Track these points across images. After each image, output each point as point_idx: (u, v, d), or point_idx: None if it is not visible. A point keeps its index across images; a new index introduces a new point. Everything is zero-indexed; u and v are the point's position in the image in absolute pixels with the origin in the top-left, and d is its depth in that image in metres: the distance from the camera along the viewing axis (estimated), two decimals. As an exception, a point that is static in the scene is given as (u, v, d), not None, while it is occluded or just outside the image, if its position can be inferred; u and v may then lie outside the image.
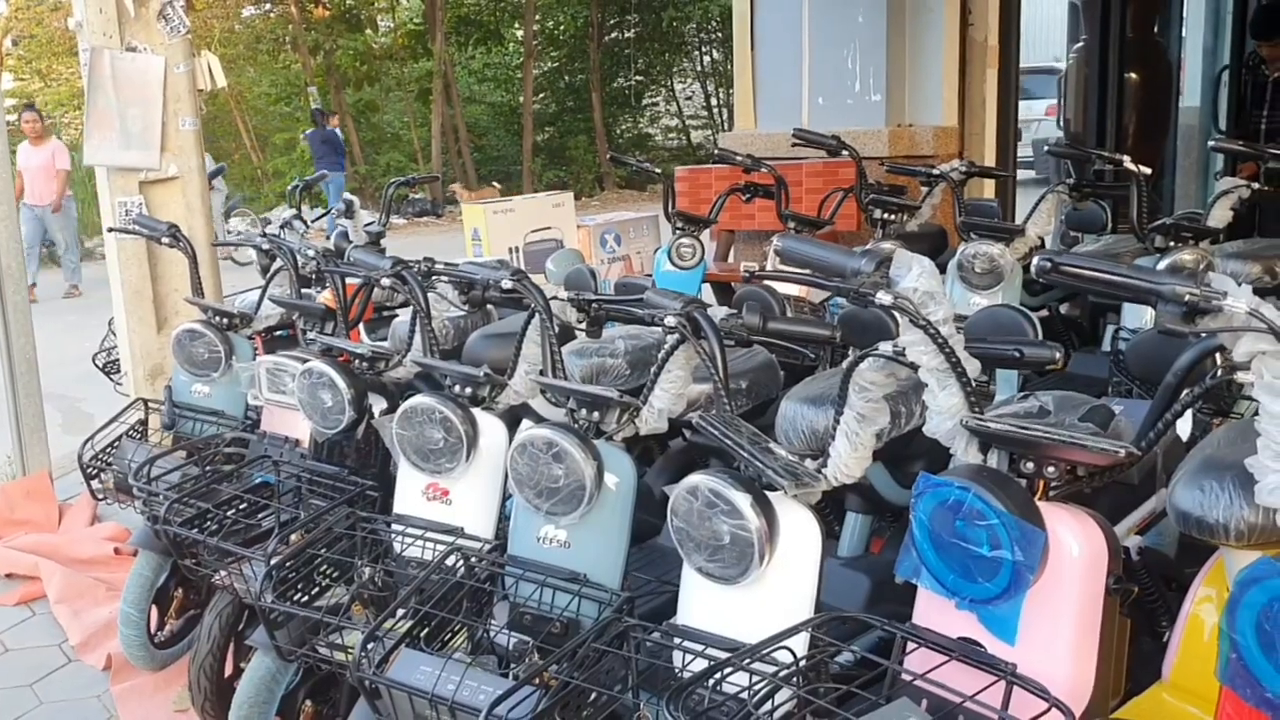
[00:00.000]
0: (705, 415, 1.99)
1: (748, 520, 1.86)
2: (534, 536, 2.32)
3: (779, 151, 6.33)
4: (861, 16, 7.03)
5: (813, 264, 1.77)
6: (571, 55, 25.11)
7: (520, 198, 7.45)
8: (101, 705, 3.53)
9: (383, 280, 2.74)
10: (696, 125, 26.84)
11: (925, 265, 1.65)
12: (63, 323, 7.76)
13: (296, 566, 2.55)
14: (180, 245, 3.93)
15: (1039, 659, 1.63)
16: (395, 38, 22.50)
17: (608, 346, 3.15)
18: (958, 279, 3.83)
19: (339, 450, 3.03)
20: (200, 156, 4.77)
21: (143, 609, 3.49)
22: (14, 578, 4.45)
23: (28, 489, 5.04)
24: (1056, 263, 1.46)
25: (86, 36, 4.42)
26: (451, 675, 2.04)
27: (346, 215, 5.01)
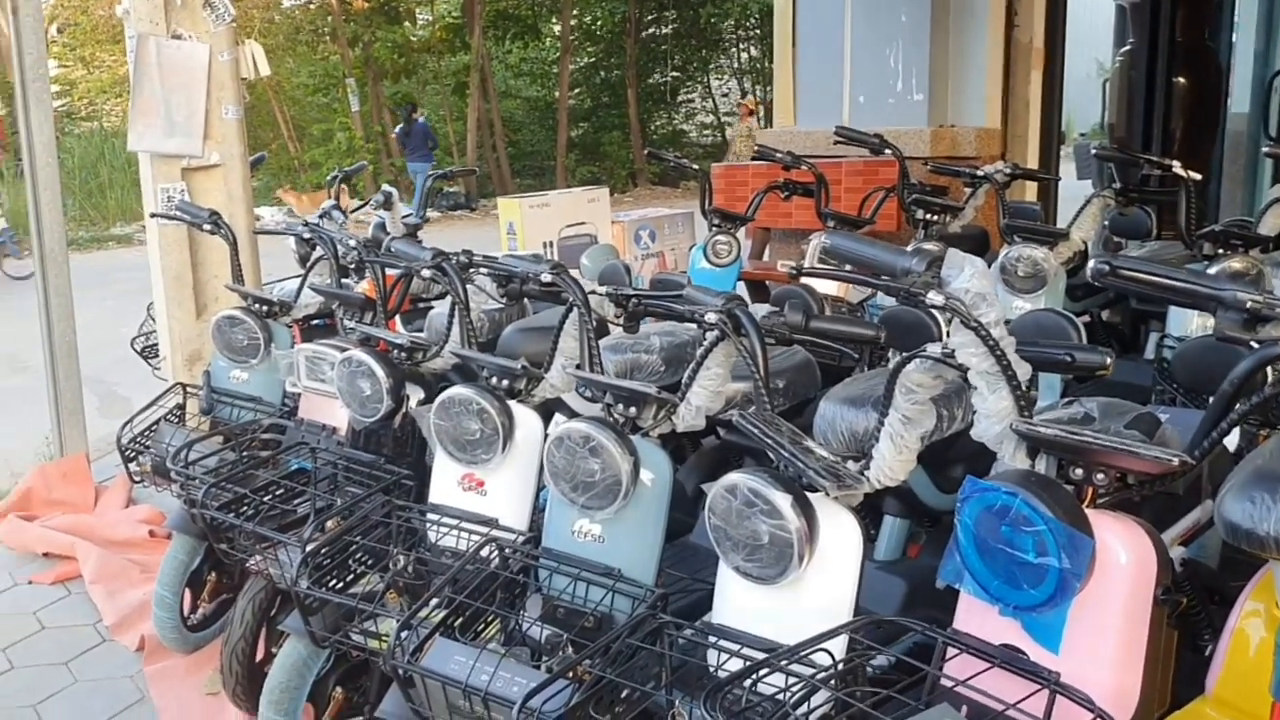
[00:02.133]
0: (745, 414, 1.97)
1: (788, 521, 1.85)
2: (568, 530, 2.31)
3: (818, 150, 6.30)
4: (905, 15, 6.98)
5: (861, 262, 1.75)
6: (608, 51, 25.11)
7: (555, 192, 7.43)
8: (134, 685, 3.56)
9: (422, 271, 2.74)
10: (732, 122, 26.80)
11: (978, 266, 1.63)
12: (101, 308, 7.83)
13: (332, 553, 2.55)
14: (221, 232, 3.95)
15: (1084, 668, 1.60)
16: (433, 31, 22.57)
17: (643, 342, 3.14)
18: (1000, 282, 3.79)
19: (376, 439, 3.03)
20: (243, 144, 4.79)
21: (176, 591, 3.52)
22: (51, 557, 4.50)
23: (65, 470, 5.09)
24: (1115, 266, 1.43)
25: (133, 23, 4.45)
26: (485, 666, 2.04)
27: (385, 207, 5.02)
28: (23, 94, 4.87)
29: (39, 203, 4.99)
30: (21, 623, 4.00)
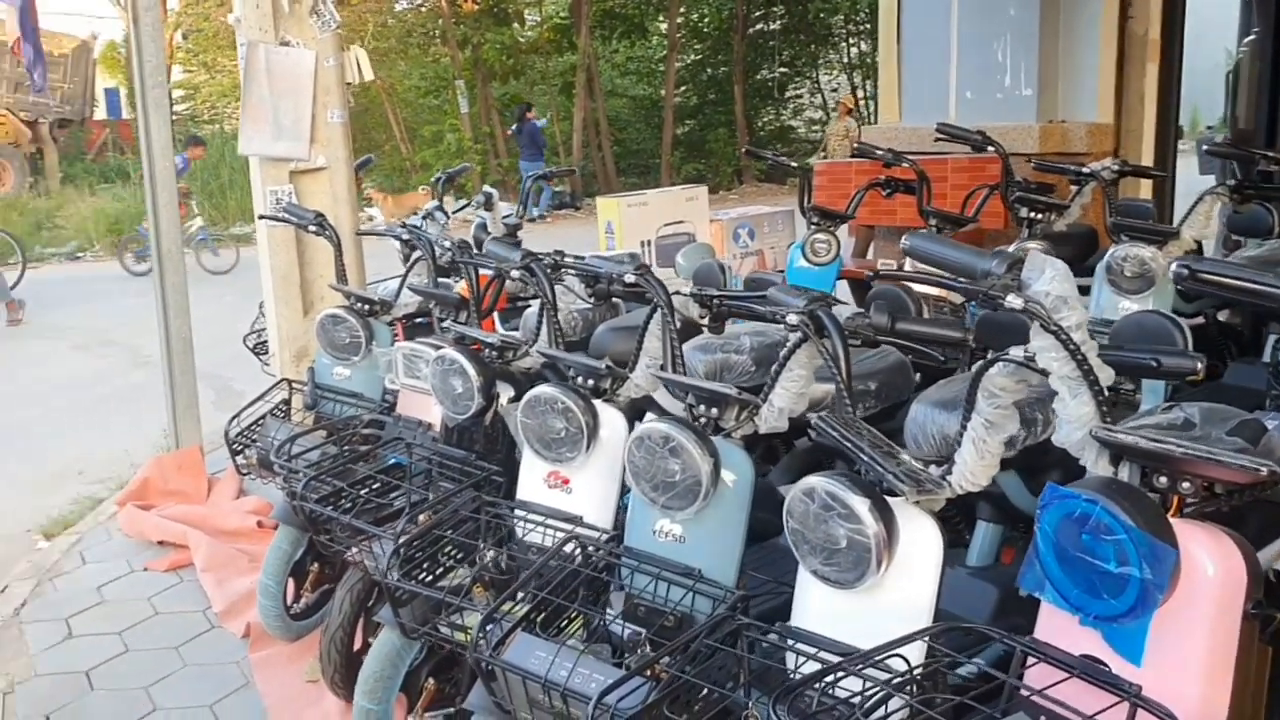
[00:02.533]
0: (824, 416, 1.96)
1: (865, 525, 1.83)
2: (650, 529, 2.32)
3: (923, 146, 6.19)
4: (1014, 9, 6.83)
5: (941, 264, 1.73)
6: (715, 47, 25.05)
7: (654, 191, 7.46)
8: (239, 671, 3.69)
9: (512, 272, 2.78)
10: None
11: (1059, 268, 1.59)
12: (220, 304, 8.13)
13: (422, 546, 2.61)
14: (326, 233, 4.07)
15: (1167, 682, 1.55)
16: (541, 32, 22.82)
17: (733, 343, 3.13)
18: (1106, 282, 3.69)
19: (468, 435, 3.09)
20: (348, 148, 4.92)
21: (280, 581, 3.63)
22: (165, 545, 4.69)
23: (180, 462, 5.30)
24: (1194, 269, 1.38)
25: (244, 31, 4.62)
26: (565, 662, 2.06)
27: (485, 208, 5.11)
28: (142, 100, 5.08)
29: (156, 204, 5.21)
30: (137, 608, 4.18)
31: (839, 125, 17.22)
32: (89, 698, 3.58)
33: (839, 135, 16.98)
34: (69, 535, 4.96)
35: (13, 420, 7.24)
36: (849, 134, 16.76)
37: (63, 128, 21.30)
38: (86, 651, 3.87)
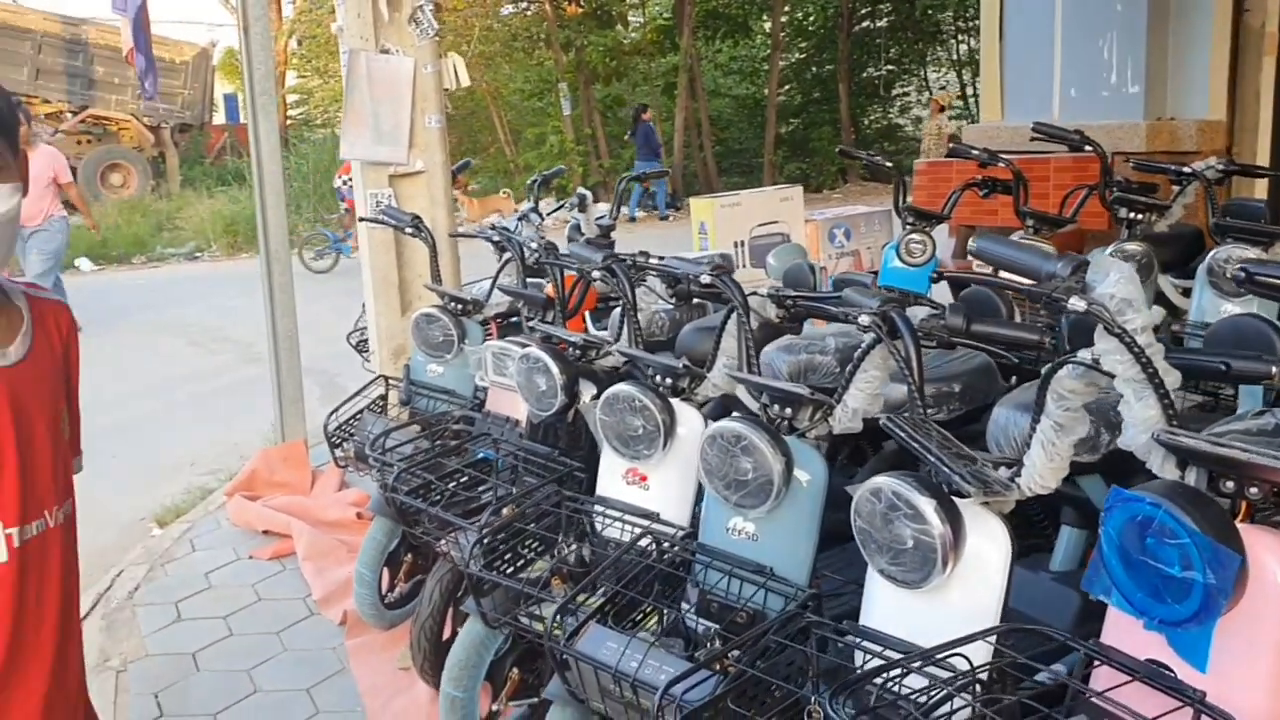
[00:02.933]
0: (893, 416, 1.97)
1: (931, 525, 1.84)
2: (723, 527, 2.36)
3: (1026, 146, 6.08)
4: (1120, 3, 6.66)
5: (1007, 265, 1.73)
6: (820, 46, 24.88)
7: (748, 191, 7.45)
8: (336, 657, 3.82)
9: (594, 273, 2.84)
10: (950, 116, 26.06)
11: (1124, 271, 1.58)
12: (329, 303, 8.39)
13: (504, 539, 2.69)
14: (422, 235, 4.19)
15: (1232, 689, 1.53)
16: (644, 33, 22.93)
17: (818, 343, 3.15)
18: (1207, 284, 3.60)
19: (552, 432, 3.16)
20: (445, 152, 5.05)
21: (375, 571, 3.75)
22: (270, 534, 4.87)
23: (285, 454, 5.50)
24: (1251, 273, 1.37)
25: (346, 40, 4.78)
26: (635, 653, 2.11)
27: (579, 209, 5.19)
28: (252, 106, 5.29)
29: (265, 206, 5.41)
30: (241, 594, 4.36)
31: (931, 124, 16.93)
32: (195, 678, 3.75)
33: (932, 134, 16.69)
34: (180, 523, 5.19)
35: (132, 413, 7.58)
36: (941, 132, 16.48)
37: (183, 132, 22.15)
38: (194, 634, 4.05)
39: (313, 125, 25.88)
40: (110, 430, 7.12)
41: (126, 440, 6.89)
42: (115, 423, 7.29)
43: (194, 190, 19.83)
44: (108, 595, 4.48)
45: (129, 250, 15.86)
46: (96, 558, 5.01)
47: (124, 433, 7.07)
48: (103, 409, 7.57)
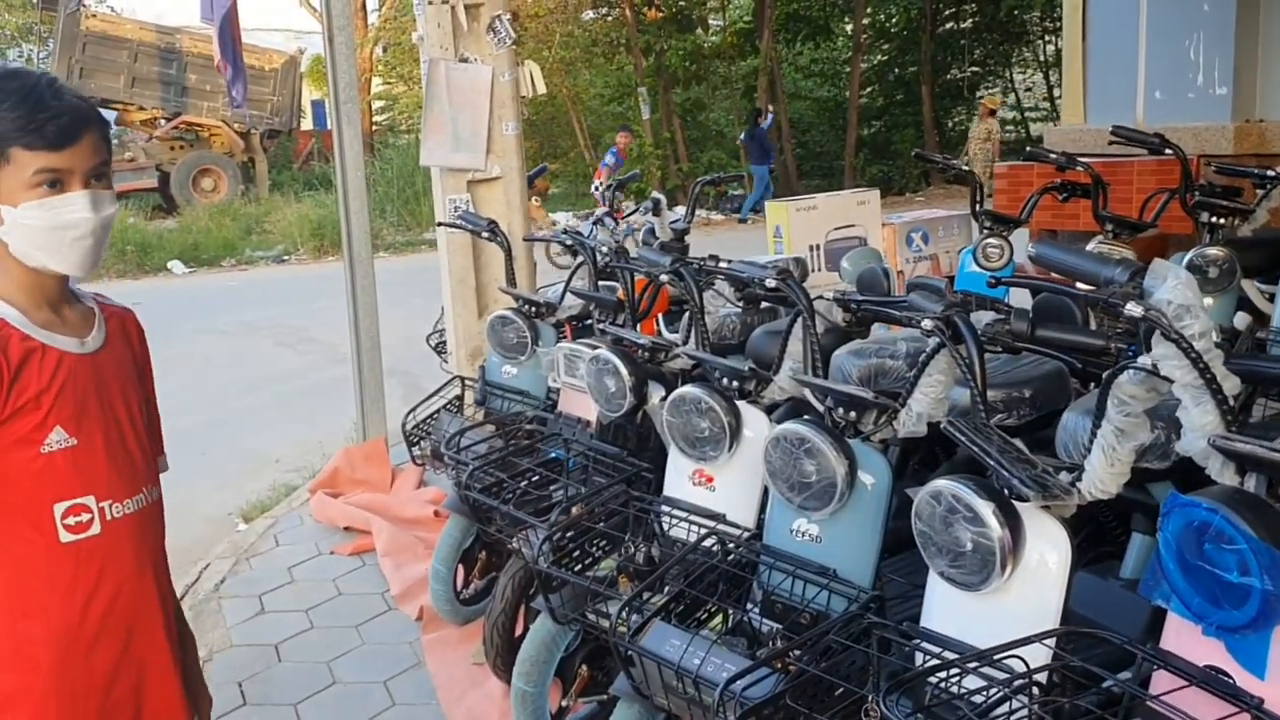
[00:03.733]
0: (954, 420, 1.99)
1: (990, 529, 1.86)
2: (788, 528, 2.39)
3: (1110, 148, 6.00)
4: (1207, 4, 6.53)
5: (1066, 271, 1.74)
6: (902, 48, 24.64)
7: (823, 195, 7.44)
8: (412, 651, 3.92)
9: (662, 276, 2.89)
10: (1037, 117, 25.65)
11: (1182, 277, 1.58)
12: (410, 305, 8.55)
13: (573, 537, 2.75)
14: (497, 239, 4.28)
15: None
16: (725, 36, 22.93)
17: (889, 347, 3.15)
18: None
19: (622, 433, 3.22)
20: (521, 158, 5.14)
21: (450, 567, 3.84)
22: (351, 531, 5.00)
23: (367, 453, 5.64)
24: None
25: (426, 49, 4.89)
26: (698, 650, 2.16)
27: (654, 213, 5.24)
28: (336, 113, 5.44)
29: (348, 211, 5.56)
30: (322, 588, 4.49)
31: (980, 127, 16.45)
32: (277, 669, 3.88)
33: (980, 138, 16.28)
34: (265, 519, 5.35)
35: (221, 412, 7.82)
36: (990, 136, 16.14)
37: (272, 138, 22.70)
38: (276, 627, 4.18)
39: (397, 131, 26.35)
40: (199, 428, 7.36)
41: (215, 438, 7.12)
42: (204, 421, 7.53)
43: (282, 195, 20.32)
44: (195, 588, 4.64)
45: (219, 253, 16.31)
46: (184, 552, 5.19)
47: (212, 430, 7.30)
48: (192, 408, 7.83)
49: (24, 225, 1.74)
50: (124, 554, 1.85)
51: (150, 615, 1.90)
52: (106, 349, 1.88)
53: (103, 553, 1.82)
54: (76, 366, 1.80)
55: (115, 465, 1.85)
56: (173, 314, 12.27)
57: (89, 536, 1.80)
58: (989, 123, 16.42)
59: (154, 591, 1.91)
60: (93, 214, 1.76)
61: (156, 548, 1.95)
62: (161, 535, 1.97)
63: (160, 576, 1.95)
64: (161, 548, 1.97)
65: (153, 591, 1.91)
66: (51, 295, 1.82)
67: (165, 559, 1.98)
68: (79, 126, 1.75)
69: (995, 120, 16.69)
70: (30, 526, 1.76)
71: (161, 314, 12.21)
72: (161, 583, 1.94)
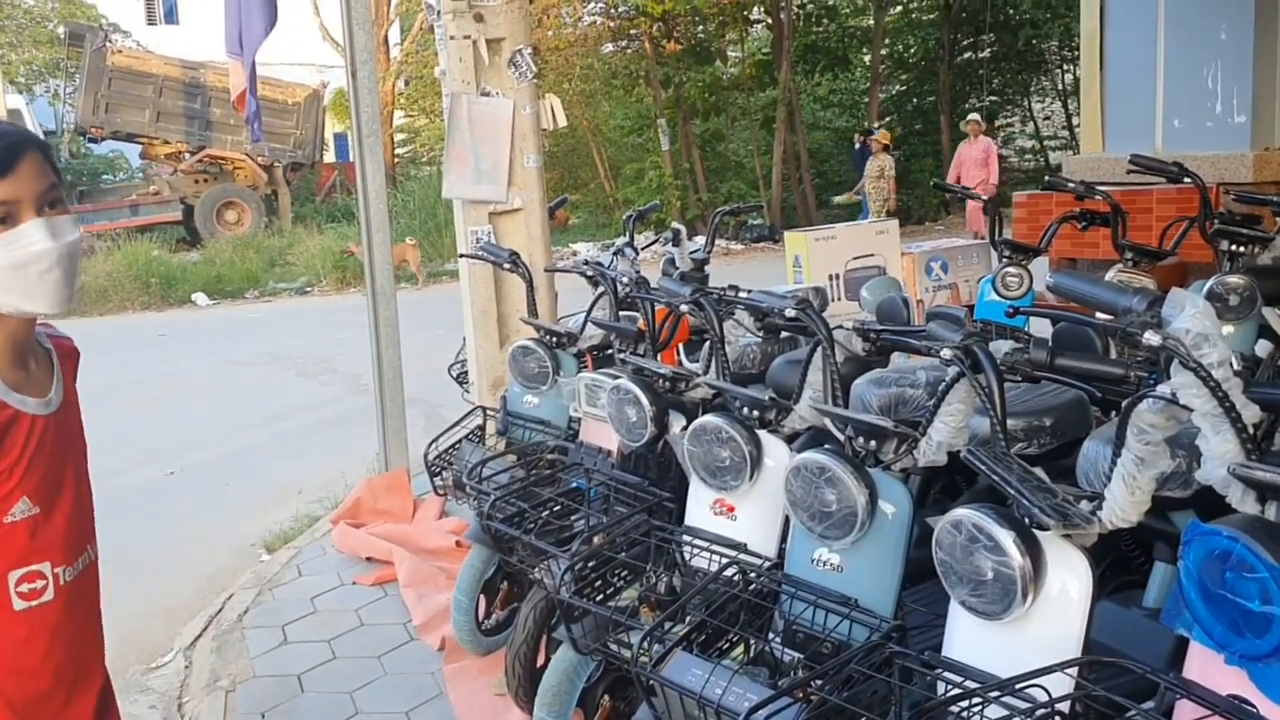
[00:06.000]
0: (974, 448, 1.99)
1: (1011, 558, 1.86)
2: (809, 558, 2.39)
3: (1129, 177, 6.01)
4: (1225, 33, 6.55)
5: (1083, 300, 1.75)
6: (920, 78, 24.73)
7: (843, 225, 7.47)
8: (434, 681, 3.93)
9: (682, 306, 2.91)
10: (1055, 146, 25.65)
11: (1200, 305, 1.59)
12: (432, 335, 8.60)
13: (595, 566, 2.76)
14: (519, 270, 4.31)
15: (1315, 727, 1.53)
16: (743, 68, 23.06)
17: (908, 377, 3.16)
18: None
19: (643, 462, 3.23)
20: (542, 190, 5.19)
21: (472, 597, 3.85)
22: (373, 561, 5.02)
23: (389, 483, 5.66)
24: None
25: (448, 83, 4.95)
26: (719, 680, 2.16)
27: (674, 243, 5.28)
28: (359, 147, 5.51)
29: (371, 243, 5.62)
30: (345, 618, 4.50)
31: (873, 164, 16.29)
32: (300, 699, 3.89)
33: (873, 175, 16.18)
34: (288, 549, 5.38)
35: (244, 442, 7.88)
36: (884, 173, 16.09)
37: (295, 171, 22.94)
38: (299, 657, 4.20)
39: (419, 163, 26.56)
40: (222, 459, 7.42)
41: (238, 469, 7.17)
42: (227, 452, 7.59)
43: (305, 227, 20.51)
44: (219, 618, 4.67)
45: (242, 285, 16.47)
46: (208, 581, 5.24)
47: (236, 461, 7.36)
48: (216, 439, 7.90)
49: None
50: (74, 615, 1.79)
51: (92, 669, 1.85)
52: (64, 403, 1.79)
53: (55, 617, 1.74)
54: (44, 430, 1.72)
55: (69, 529, 1.78)
56: (196, 345, 12.40)
57: (42, 603, 1.73)
58: (882, 159, 16.28)
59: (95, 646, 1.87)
60: (53, 242, 1.63)
61: (95, 601, 1.88)
62: (98, 588, 1.89)
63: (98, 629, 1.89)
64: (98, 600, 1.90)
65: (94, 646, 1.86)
66: (21, 345, 1.72)
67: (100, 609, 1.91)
68: (14, 152, 1.61)
69: (889, 156, 16.42)
70: None
71: (185, 345, 12.37)
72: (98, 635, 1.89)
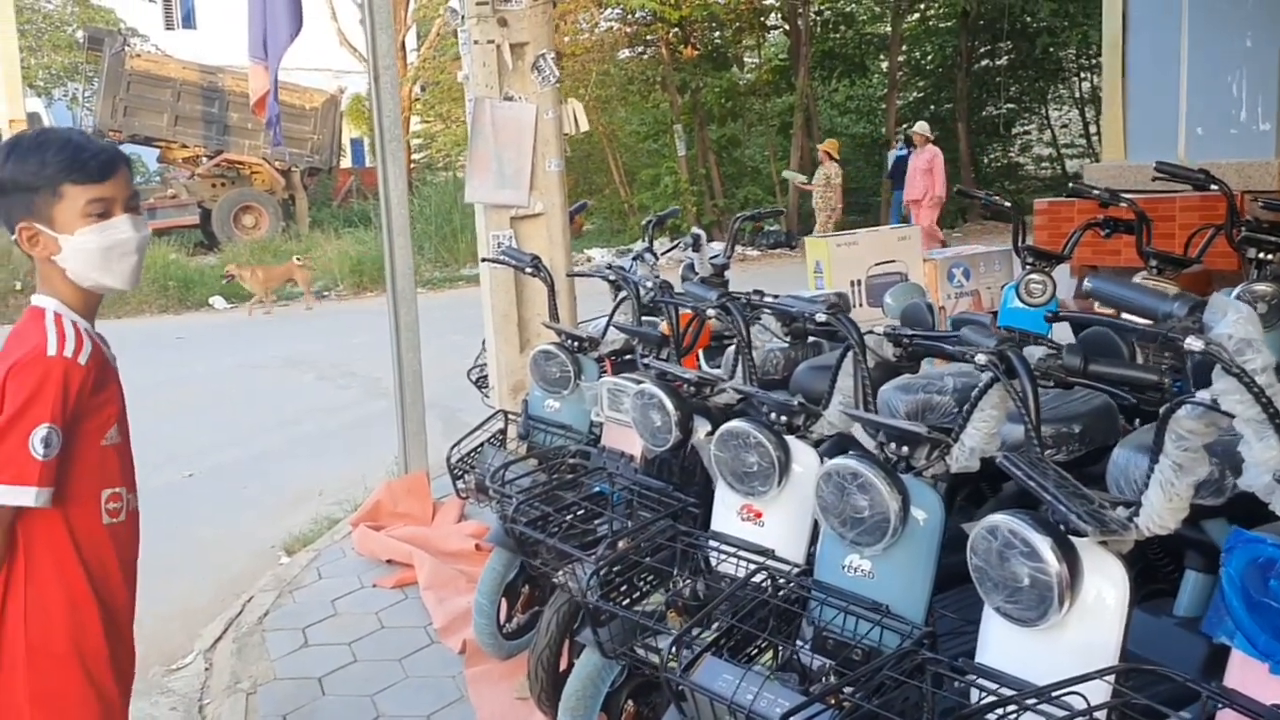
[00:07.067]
0: (1009, 454, 1.98)
1: (1047, 564, 1.84)
2: (839, 564, 2.38)
3: (1149, 185, 5.98)
4: (1250, 40, 6.53)
5: (1123, 305, 1.74)
6: (938, 85, 24.70)
7: (864, 230, 7.45)
8: (455, 685, 3.92)
9: (709, 310, 2.91)
10: (1073, 154, 25.56)
11: (1243, 311, 1.58)
12: (449, 340, 8.61)
13: (621, 570, 2.75)
14: (541, 275, 4.31)
15: (1361, 737, 1.50)
16: (760, 74, 23.05)
17: (935, 383, 3.15)
18: (1339, 326, 3.50)
19: (667, 467, 3.22)
20: (563, 195, 5.19)
21: (494, 601, 3.85)
22: (393, 563, 5.02)
23: (408, 486, 5.67)
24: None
25: (471, 88, 4.96)
26: (750, 686, 2.15)
27: (694, 248, 5.27)
28: (381, 151, 5.52)
29: (393, 248, 5.63)
30: (365, 621, 4.50)
31: (820, 173, 16.23)
32: (321, 702, 3.89)
33: (820, 183, 16.11)
34: (308, 551, 5.39)
35: (263, 445, 7.89)
36: (830, 182, 16.02)
37: (312, 175, 22.99)
38: (320, 659, 4.20)
39: (435, 169, 26.62)
40: (241, 462, 7.44)
41: (256, 472, 7.18)
42: (246, 455, 7.61)
43: (322, 231, 20.55)
44: (239, 620, 4.67)
45: (260, 289, 16.49)
46: (229, 584, 5.25)
47: (254, 465, 7.38)
48: (234, 442, 7.91)
49: (81, 250, 2.09)
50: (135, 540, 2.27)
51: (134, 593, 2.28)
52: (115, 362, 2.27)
53: (125, 537, 2.22)
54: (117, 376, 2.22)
55: (131, 464, 2.26)
56: (214, 349, 12.43)
57: (119, 522, 2.19)
58: (828, 167, 16.17)
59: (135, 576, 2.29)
60: (135, 233, 2.14)
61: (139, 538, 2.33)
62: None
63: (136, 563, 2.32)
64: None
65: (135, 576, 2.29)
66: (94, 313, 2.20)
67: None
68: (115, 162, 2.12)
69: (835, 165, 16.31)
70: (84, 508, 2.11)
71: (203, 349, 12.40)
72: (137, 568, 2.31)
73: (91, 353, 2.08)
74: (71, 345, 2.05)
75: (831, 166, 16.25)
